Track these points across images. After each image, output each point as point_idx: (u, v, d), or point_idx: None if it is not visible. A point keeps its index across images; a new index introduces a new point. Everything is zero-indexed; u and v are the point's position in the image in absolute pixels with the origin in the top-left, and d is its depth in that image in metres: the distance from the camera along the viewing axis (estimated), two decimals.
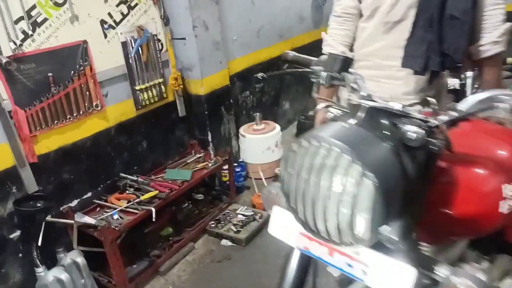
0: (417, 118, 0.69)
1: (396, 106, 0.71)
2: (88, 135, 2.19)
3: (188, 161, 2.66)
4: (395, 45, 1.30)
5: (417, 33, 1.22)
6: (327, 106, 1.42)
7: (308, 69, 0.92)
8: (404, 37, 1.26)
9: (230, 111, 2.99)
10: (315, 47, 3.94)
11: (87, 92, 2.11)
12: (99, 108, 2.18)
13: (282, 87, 3.78)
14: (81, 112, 2.10)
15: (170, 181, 2.37)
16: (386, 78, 1.32)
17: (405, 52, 1.26)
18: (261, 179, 3.04)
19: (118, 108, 2.32)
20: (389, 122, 0.72)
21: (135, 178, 2.34)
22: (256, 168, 3.09)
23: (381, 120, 0.73)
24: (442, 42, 1.19)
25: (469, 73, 1.34)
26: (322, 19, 4.14)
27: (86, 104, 2.11)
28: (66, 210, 2.07)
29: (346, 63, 0.85)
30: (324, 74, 0.86)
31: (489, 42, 1.24)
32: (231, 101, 3.00)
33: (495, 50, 1.26)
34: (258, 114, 3.16)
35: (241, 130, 3.16)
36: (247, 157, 3.13)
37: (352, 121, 0.74)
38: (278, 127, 3.17)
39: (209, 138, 2.85)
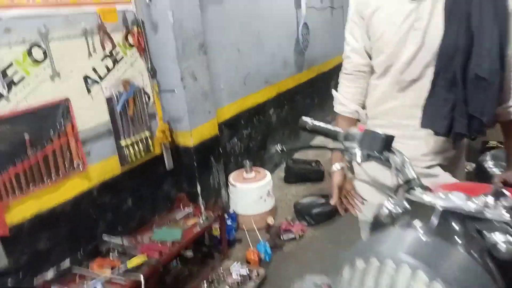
0: (501, 222, 0.59)
1: (473, 205, 0.61)
2: (68, 198, 2.00)
3: (177, 217, 2.48)
4: (412, 104, 1.23)
5: (437, 93, 1.14)
6: (342, 168, 1.34)
7: (338, 146, 0.82)
8: (421, 96, 1.19)
9: (219, 160, 2.87)
10: (298, 91, 4.02)
11: (68, 152, 1.94)
12: (80, 168, 2.01)
13: (269, 131, 3.72)
14: (60, 174, 1.92)
15: (159, 242, 2.18)
16: (404, 138, 1.20)
17: (425, 112, 1.18)
18: (255, 230, 2.88)
19: (101, 166, 2.16)
20: (467, 227, 0.61)
21: (119, 240, 2.14)
22: (248, 219, 2.93)
23: (456, 225, 0.62)
24: (468, 103, 1.11)
25: None
26: (304, 63, 4.20)
27: (66, 164, 1.94)
28: (40, 285, 1.83)
29: (388, 142, 0.75)
30: (359, 152, 0.77)
31: None
32: (220, 150, 2.89)
33: None
34: (248, 161, 3.03)
35: (231, 178, 3.02)
36: (238, 208, 2.98)
37: (421, 225, 0.63)
38: (269, 175, 3.06)
39: (198, 190, 2.70)
